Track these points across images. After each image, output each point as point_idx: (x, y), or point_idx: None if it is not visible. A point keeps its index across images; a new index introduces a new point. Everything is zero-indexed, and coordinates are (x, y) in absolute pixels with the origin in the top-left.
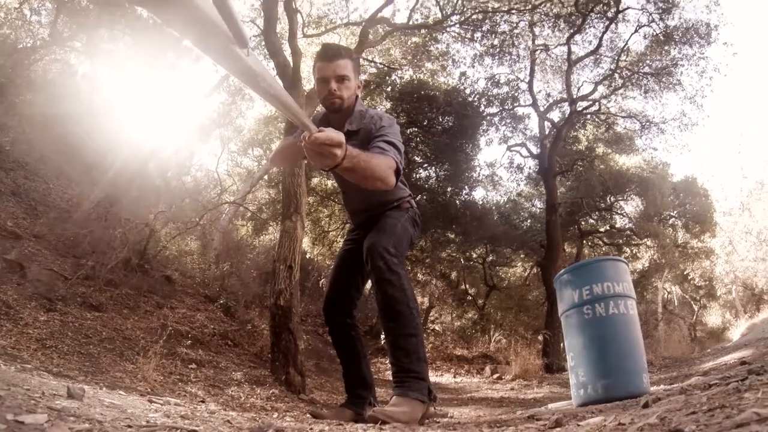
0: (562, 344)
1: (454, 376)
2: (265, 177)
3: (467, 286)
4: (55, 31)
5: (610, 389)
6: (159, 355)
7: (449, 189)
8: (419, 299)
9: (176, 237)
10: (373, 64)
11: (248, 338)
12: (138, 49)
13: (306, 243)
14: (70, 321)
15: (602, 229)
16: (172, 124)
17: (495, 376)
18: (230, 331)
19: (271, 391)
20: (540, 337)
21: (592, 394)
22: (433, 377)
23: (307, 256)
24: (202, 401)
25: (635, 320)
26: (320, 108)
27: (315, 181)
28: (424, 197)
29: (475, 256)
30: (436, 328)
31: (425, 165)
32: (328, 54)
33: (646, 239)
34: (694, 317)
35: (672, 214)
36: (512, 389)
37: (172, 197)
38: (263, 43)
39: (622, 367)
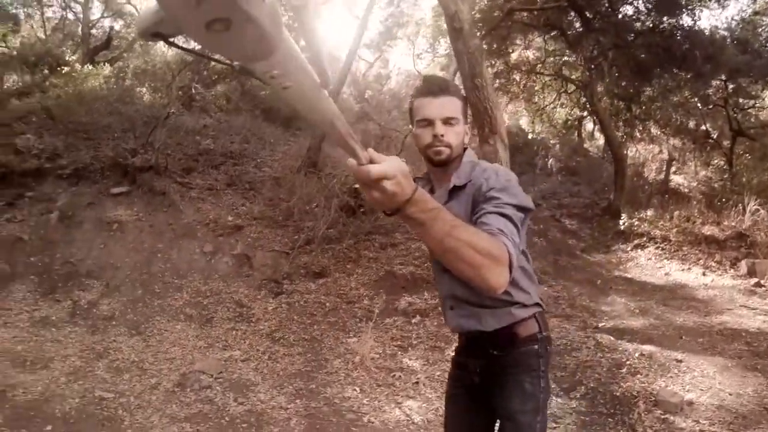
0: None
1: (704, 273)
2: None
3: (708, 126)
4: None
5: None
6: (378, 322)
7: (665, 21)
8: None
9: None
10: None
11: None
12: None
13: (524, 122)
14: (295, 301)
15: None
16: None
17: (753, 281)
18: None
19: None
20: None
21: None
22: (679, 272)
23: (530, 136)
24: (416, 382)
25: None
26: None
27: (515, 56)
28: (639, 41)
29: (712, 95)
30: (680, 182)
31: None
32: (433, 88)
33: None
34: None
35: None
36: None
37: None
38: None
39: None
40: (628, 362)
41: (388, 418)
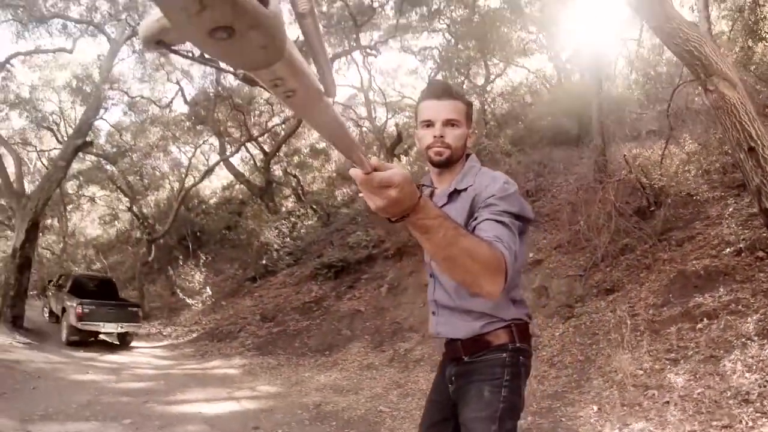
0: None
1: None
2: None
3: None
4: None
5: None
6: (659, 332)
7: None
8: None
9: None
10: None
11: None
12: None
13: None
14: (582, 323)
15: None
16: None
17: None
18: (762, 238)
19: None
20: None
21: None
22: None
23: None
24: (666, 402)
25: None
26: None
27: None
28: None
29: None
30: None
31: None
32: (437, 91)
33: None
34: None
35: None
36: None
37: None
38: None
39: None
40: None
41: None
